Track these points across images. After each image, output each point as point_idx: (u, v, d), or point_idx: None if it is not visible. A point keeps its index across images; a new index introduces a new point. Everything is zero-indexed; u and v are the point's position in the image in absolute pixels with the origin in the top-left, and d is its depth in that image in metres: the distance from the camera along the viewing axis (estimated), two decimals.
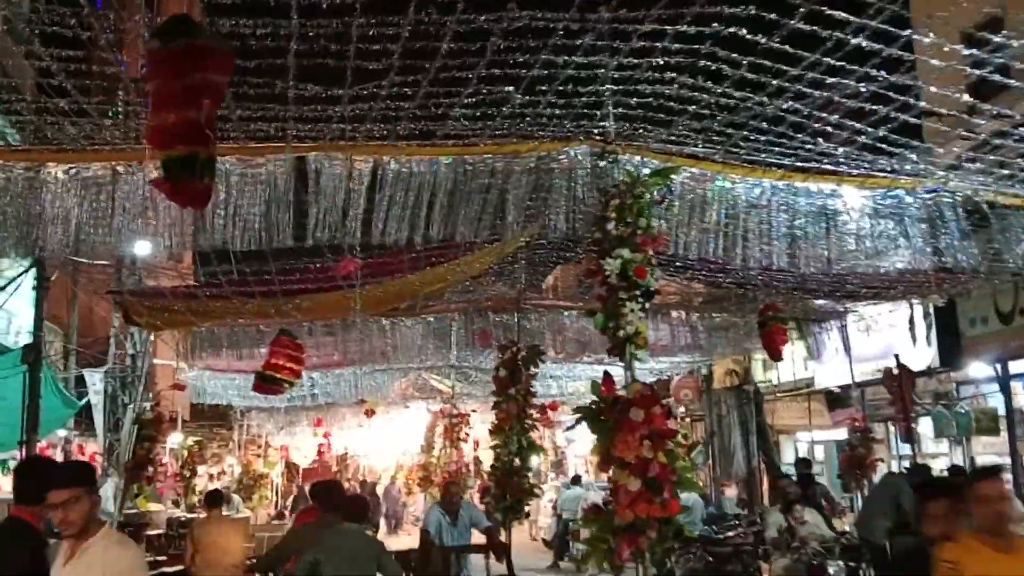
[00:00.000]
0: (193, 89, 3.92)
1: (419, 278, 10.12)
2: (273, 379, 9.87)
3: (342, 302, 10.28)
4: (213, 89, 4.02)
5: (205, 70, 3.94)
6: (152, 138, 4.07)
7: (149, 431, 11.65)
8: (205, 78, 3.94)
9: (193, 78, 3.91)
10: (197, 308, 9.98)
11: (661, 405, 6.87)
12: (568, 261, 10.87)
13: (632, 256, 6.90)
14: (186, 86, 3.91)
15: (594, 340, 14.33)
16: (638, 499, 6.62)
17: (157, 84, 4.04)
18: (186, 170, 3.98)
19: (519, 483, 12.22)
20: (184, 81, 3.92)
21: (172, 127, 3.93)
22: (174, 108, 3.93)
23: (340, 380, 17.80)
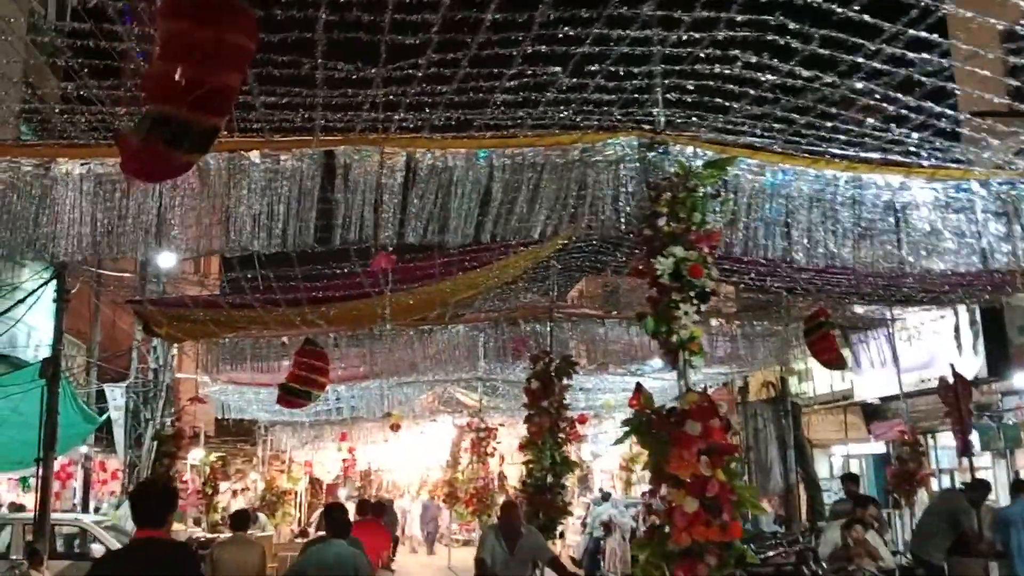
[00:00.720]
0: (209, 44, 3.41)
1: (451, 284, 9.56)
2: (297, 391, 9.32)
3: (370, 310, 9.73)
4: (233, 52, 3.49)
5: (224, 26, 3.42)
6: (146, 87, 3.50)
7: (168, 447, 11.11)
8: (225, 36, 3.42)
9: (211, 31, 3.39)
10: (219, 318, 9.44)
11: (720, 417, 6.25)
12: (599, 270, 10.29)
13: (686, 254, 6.31)
14: (201, 39, 3.39)
15: (628, 350, 13.73)
16: (695, 522, 5.99)
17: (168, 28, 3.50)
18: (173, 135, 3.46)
19: (553, 500, 11.61)
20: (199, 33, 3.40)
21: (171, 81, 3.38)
22: (181, 60, 3.39)
23: (365, 393, 17.24)
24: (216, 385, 15.66)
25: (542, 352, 12.10)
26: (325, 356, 9.67)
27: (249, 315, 9.37)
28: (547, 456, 11.60)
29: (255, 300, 9.15)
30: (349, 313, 9.70)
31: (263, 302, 9.27)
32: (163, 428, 11.24)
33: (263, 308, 9.23)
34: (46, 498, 11.92)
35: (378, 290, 9.13)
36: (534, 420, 11.78)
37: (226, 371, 13.55)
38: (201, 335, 10.09)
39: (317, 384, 9.48)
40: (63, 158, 6.18)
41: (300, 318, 9.51)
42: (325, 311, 9.44)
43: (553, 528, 11.71)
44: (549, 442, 11.64)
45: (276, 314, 9.40)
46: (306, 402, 9.60)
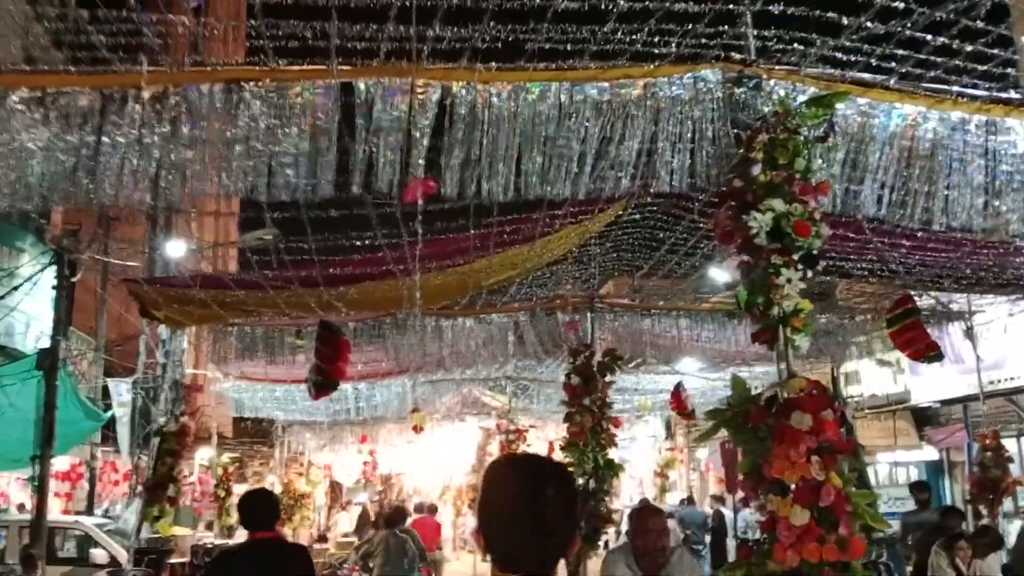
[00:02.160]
0: None
1: (486, 264, 8.31)
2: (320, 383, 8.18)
3: (395, 292, 8.49)
4: None
5: None
6: None
7: (171, 445, 9.91)
8: None
9: None
10: (224, 299, 8.23)
11: (834, 408, 4.97)
12: (654, 248, 8.99)
13: (788, 208, 5.04)
14: None
15: (674, 347, 12.43)
16: (805, 537, 4.72)
17: None
18: None
19: (596, 508, 10.34)
20: None
21: None
22: None
23: (387, 392, 16.00)
24: (228, 381, 14.48)
25: (583, 345, 10.86)
26: (344, 340, 8.44)
27: (258, 296, 8.15)
28: (589, 459, 10.35)
29: (262, 278, 7.94)
30: (371, 295, 8.47)
31: (273, 282, 8.05)
32: (166, 424, 10.02)
33: (273, 288, 8.01)
34: (42, 499, 10.80)
35: (403, 267, 7.90)
36: (575, 419, 10.53)
37: (234, 363, 12.36)
38: (204, 319, 8.88)
39: (336, 371, 8.27)
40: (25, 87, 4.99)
41: (315, 300, 8.29)
42: (344, 291, 8.20)
43: (597, 538, 10.45)
44: (592, 443, 10.40)
45: (288, 295, 8.17)
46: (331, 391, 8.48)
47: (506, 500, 2.02)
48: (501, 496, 2.04)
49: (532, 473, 2.08)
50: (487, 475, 2.13)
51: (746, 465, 5.07)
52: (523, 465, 2.17)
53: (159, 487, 9.89)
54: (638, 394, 17.11)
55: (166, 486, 9.91)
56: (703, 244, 8.31)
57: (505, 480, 2.08)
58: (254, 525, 5.26)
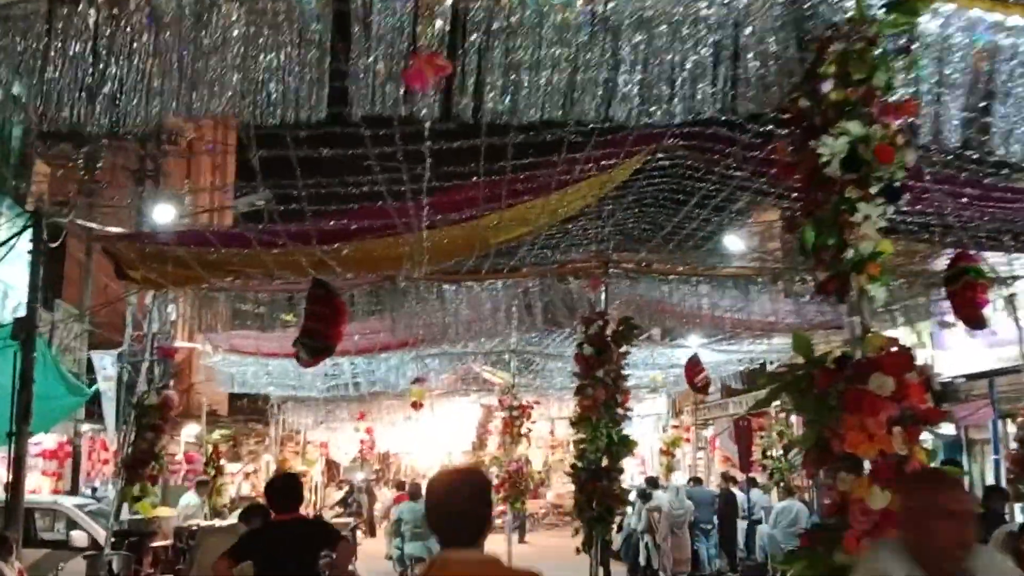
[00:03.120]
0: None
1: (496, 218, 7.47)
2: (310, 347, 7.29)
3: (396, 251, 7.67)
4: None
5: None
6: None
7: (152, 419, 9.10)
8: None
9: None
10: (207, 257, 7.39)
11: (919, 370, 4.15)
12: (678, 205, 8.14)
13: (867, 131, 4.21)
14: None
15: (694, 317, 11.61)
16: (885, 523, 3.92)
17: None
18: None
19: (609, 487, 9.56)
20: None
21: None
22: None
23: (386, 366, 15.18)
24: (218, 355, 13.64)
25: (596, 313, 10.05)
26: (338, 300, 7.58)
27: (243, 255, 7.30)
28: (602, 434, 9.57)
29: (250, 231, 7.11)
30: (370, 253, 7.63)
31: (260, 234, 7.22)
32: (145, 396, 9.20)
33: (260, 244, 7.17)
34: (18, 479, 10.00)
35: (405, 219, 7.07)
36: (587, 393, 9.74)
37: (227, 337, 11.53)
38: (185, 280, 8.02)
39: (330, 334, 7.41)
40: None
41: (308, 259, 7.44)
42: (339, 248, 7.36)
43: (610, 520, 9.69)
44: (605, 418, 9.61)
45: (277, 253, 7.33)
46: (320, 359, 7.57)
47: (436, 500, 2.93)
48: (433, 498, 2.95)
49: (449, 481, 2.99)
50: (428, 485, 3.05)
51: (809, 438, 4.26)
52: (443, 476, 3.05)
53: (139, 464, 9.08)
54: (648, 369, 16.29)
55: (147, 463, 9.10)
56: (736, 195, 7.48)
57: (432, 487, 3.00)
58: (280, 506, 5.70)
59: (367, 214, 7.23)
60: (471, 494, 2.88)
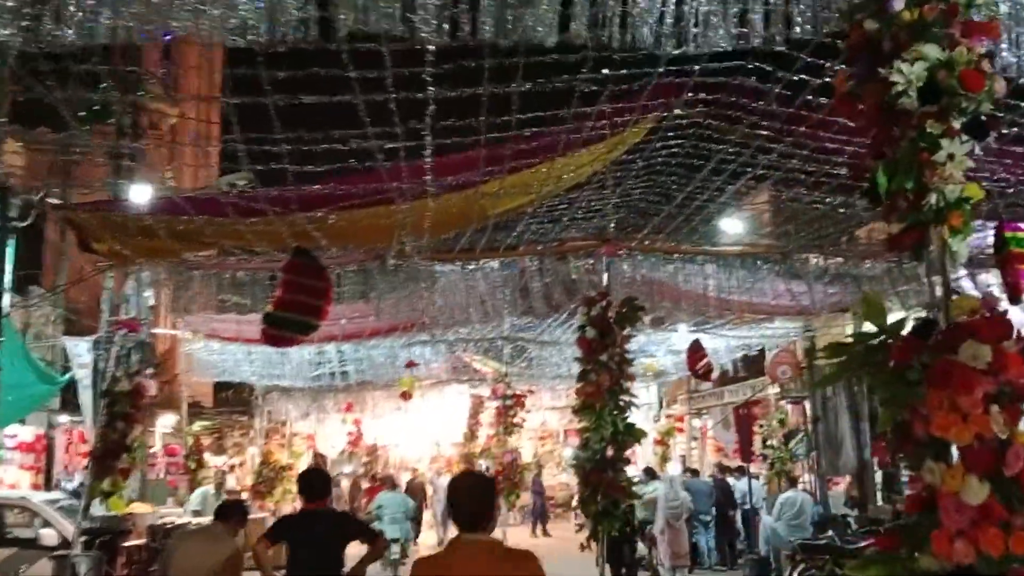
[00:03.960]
0: None
1: (497, 184, 6.72)
2: (289, 321, 6.46)
3: (387, 221, 6.91)
4: None
5: None
6: None
7: (123, 408, 8.32)
8: None
9: None
10: (175, 227, 6.60)
11: (1019, 338, 3.43)
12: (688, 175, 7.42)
13: (951, 55, 3.50)
14: None
15: (698, 301, 10.90)
16: (983, 521, 3.19)
17: None
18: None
19: (614, 479, 8.84)
20: None
21: None
22: None
23: (373, 354, 14.39)
24: (199, 342, 12.83)
25: (599, 293, 9.33)
26: (324, 272, 6.79)
27: (218, 223, 6.52)
28: (607, 423, 8.84)
29: (226, 195, 6.33)
30: (358, 223, 6.86)
31: (236, 200, 6.44)
32: (115, 383, 8.41)
33: (236, 212, 6.39)
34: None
35: (398, 183, 6.31)
36: (590, 378, 9.01)
37: (206, 322, 10.73)
38: (155, 253, 7.24)
39: (312, 309, 6.61)
40: None
41: (289, 229, 6.67)
42: (322, 217, 6.59)
43: (615, 513, 8.95)
44: (609, 406, 8.89)
45: (254, 222, 6.56)
46: (298, 339, 6.70)
47: (456, 498, 3.81)
48: (453, 496, 3.83)
49: (466, 484, 3.92)
50: (450, 486, 3.96)
51: (886, 420, 3.54)
52: (461, 480, 4.01)
53: (109, 456, 8.30)
54: (644, 356, 15.57)
55: (117, 455, 8.32)
56: (757, 159, 6.75)
57: (454, 488, 3.88)
58: (309, 496, 6.15)
59: (356, 178, 6.48)
60: (480, 495, 3.82)
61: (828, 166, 6.73)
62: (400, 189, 6.47)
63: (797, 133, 6.29)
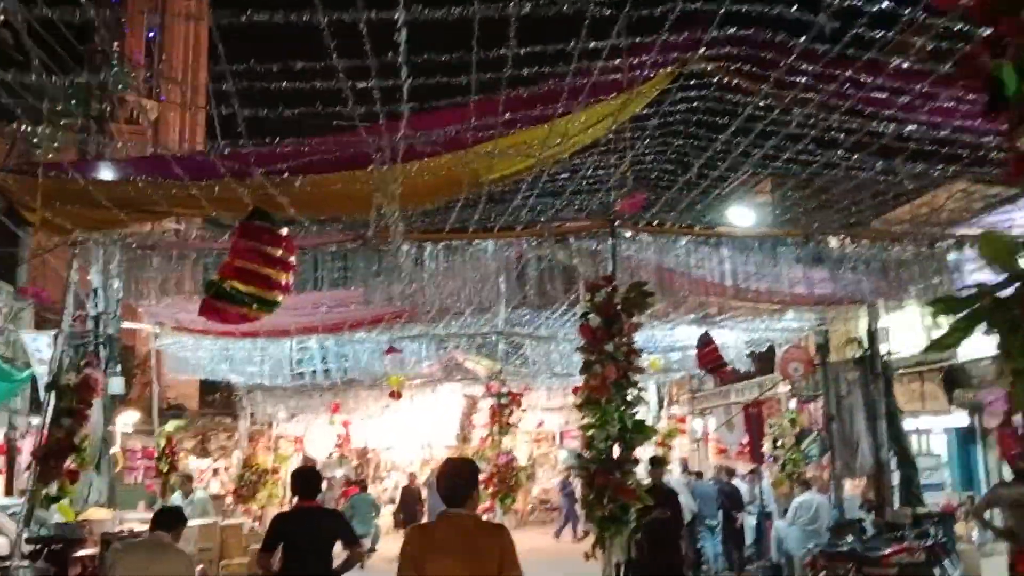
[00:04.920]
0: None
1: (491, 145, 5.79)
2: (236, 295, 5.44)
3: (364, 187, 5.97)
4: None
5: None
6: None
7: (69, 402, 7.36)
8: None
9: None
10: (124, 193, 5.65)
11: None
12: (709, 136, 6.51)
13: None
14: None
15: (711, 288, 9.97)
16: None
17: None
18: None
19: (623, 481, 7.90)
20: None
21: None
22: None
23: (359, 349, 13.42)
24: (169, 337, 11.84)
25: (603, 278, 8.41)
26: (287, 240, 5.79)
27: (167, 186, 5.56)
28: (613, 419, 7.92)
29: (174, 160, 5.37)
30: (330, 188, 5.91)
31: (189, 160, 5.49)
32: (61, 375, 7.45)
33: (189, 174, 5.44)
34: None
35: (377, 139, 5.38)
36: (594, 370, 8.08)
37: (170, 311, 9.75)
38: (99, 224, 6.29)
39: (271, 283, 5.61)
40: None
41: (250, 193, 5.72)
42: (291, 180, 5.65)
43: (623, 518, 8.00)
44: (616, 400, 7.96)
45: (210, 185, 5.61)
46: (248, 314, 5.67)
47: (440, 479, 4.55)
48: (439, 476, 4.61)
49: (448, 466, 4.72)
50: (439, 470, 4.80)
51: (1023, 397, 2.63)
52: (446, 465, 4.77)
53: (54, 457, 7.34)
54: (645, 352, 14.62)
55: (63, 456, 7.36)
56: (791, 113, 5.83)
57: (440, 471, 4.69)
58: (302, 495, 6.29)
59: (328, 137, 5.55)
60: (461, 476, 4.52)
61: (873, 123, 5.82)
62: (377, 145, 5.54)
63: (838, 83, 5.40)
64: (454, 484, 4.42)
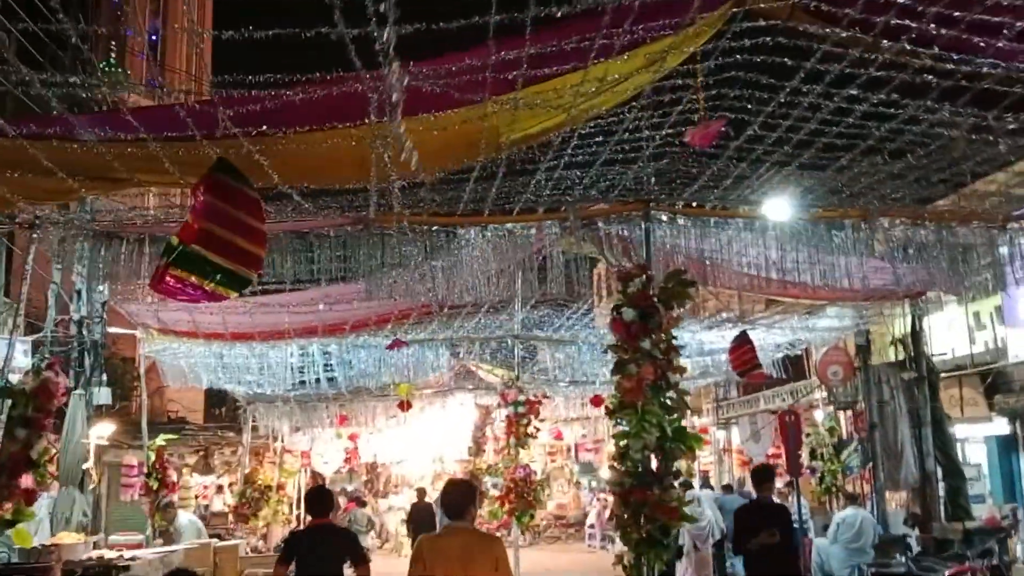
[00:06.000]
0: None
1: (511, 98, 4.74)
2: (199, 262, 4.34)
3: (360, 150, 4.91)
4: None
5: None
6: None
7: (24, 410, 6.31)
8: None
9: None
10: (67, 155, 4.61)
11: None
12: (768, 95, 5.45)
13: None
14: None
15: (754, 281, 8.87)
16: None
17: None
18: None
19: (662, 498, 6.80)
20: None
21: None
22: None
23: (364, 354, 12.35)
24: (158, 342, 10.77)
25: (637, 266, 7.35)
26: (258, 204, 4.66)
27: (124, 143, 4.52)
28: (651, 426, 6.83)
29: (132, 109, 4.33)
30: (318, 148, 4.85)
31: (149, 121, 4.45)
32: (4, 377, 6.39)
33: (148, 129, 4.40)
34: None
35: (376, 88, 4.33)
36: (629, 371, 7.02)
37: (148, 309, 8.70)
38: (51, 194, 5.26)
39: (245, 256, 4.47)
40: None
41: (224, 152, 4.67)
42: (273, 139, 4.60)
43: (664, 540, 6.88)
44: (654, 405, 6.89)
45: (176, 145, 4.56)
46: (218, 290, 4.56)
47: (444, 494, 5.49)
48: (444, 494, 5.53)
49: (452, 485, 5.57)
50: (443, 488, 5.69)
51: None
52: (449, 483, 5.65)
53: (7, 474, 6.27)
54: None
55: (17, 473, 6.29)
56: (872, 57, 4.77)
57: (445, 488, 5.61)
58: (315, 513, 6.76)
59: (315, 84, 4.50)
60: (461, 494, 5.37)
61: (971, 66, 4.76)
62: (379, 99, 4.50)
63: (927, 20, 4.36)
64: (455, 500, 5.31)
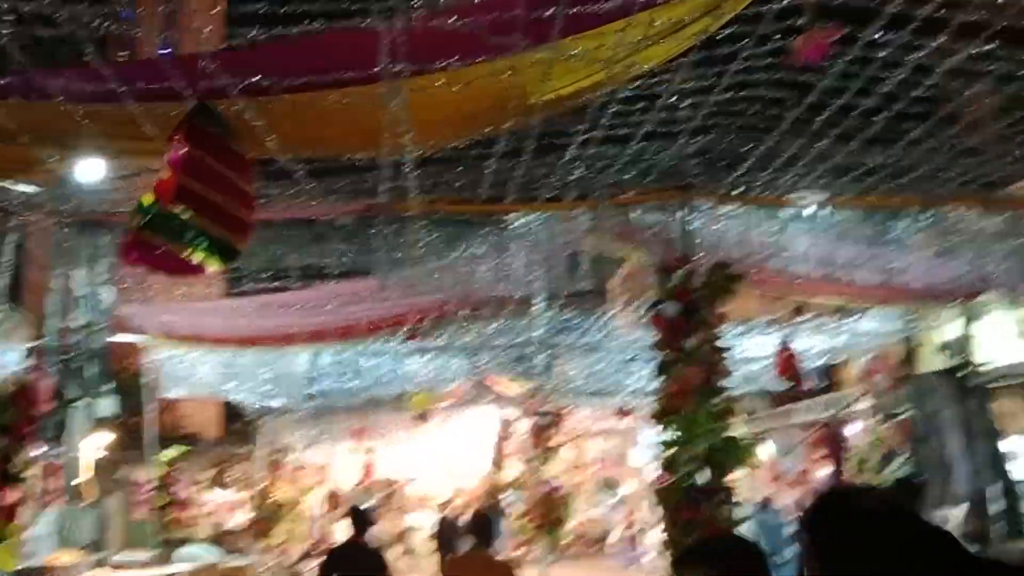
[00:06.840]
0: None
1: (540, 55, 4.07)
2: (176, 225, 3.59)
3: (369, 109, 4.24)
4: None
5: None
6: None
7: (2, 417, 5.66)
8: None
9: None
10: (27, 114, 3.97)
11: None
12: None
13: None
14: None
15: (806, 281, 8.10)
16: None
17: None
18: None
19: (714, 516, 6.05)
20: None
21: None
22: None
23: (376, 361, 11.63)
24: (163, 349, 10.11)
25: (677, 258, 6.65)
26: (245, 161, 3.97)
27: (95, 98, 3.88)
28: (699, 436, 6.10)
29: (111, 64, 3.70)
30: (323, 110, 4.18)
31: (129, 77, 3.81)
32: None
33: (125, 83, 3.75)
34: None
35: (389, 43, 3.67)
36: (673, 373, 6.30)
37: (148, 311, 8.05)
38: (13, 164, 4.62)
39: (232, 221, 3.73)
40: None
41: (223, 112, 4.01)
42: (268, 101, 3.94)
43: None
44: (702, 411, 6.16)
45: (157, 103, 3.91)
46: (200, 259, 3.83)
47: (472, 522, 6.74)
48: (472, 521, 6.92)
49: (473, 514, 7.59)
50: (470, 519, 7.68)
51: None
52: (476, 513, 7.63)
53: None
54: None
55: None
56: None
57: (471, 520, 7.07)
58: (358, 529, 7.32)
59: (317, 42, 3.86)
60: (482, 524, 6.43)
61: None
62: (392, 55, 3.84)
63: None
64: (476, 528, 6.33)
